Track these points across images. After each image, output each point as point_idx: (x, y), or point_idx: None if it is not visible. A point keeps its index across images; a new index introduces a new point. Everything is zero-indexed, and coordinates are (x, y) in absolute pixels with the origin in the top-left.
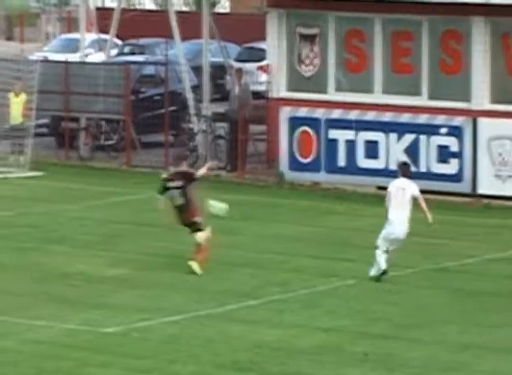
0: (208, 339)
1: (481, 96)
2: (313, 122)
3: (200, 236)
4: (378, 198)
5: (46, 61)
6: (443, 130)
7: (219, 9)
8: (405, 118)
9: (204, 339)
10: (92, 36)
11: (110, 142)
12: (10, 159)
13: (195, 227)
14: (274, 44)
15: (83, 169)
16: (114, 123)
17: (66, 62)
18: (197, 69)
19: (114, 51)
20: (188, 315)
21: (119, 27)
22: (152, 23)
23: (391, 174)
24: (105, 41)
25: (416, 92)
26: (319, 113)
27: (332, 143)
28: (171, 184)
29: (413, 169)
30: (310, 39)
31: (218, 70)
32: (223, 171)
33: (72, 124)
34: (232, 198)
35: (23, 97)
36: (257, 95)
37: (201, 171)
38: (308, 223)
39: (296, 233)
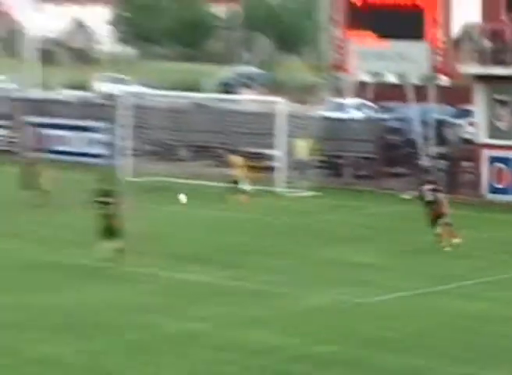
0: (435, 309)
1: None
2: (505, 160)
3: (443, 220)
4: None
5: (322, 117)
6: None
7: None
8: None
9: (432, 309)
10: (354, 100)
11: (366, 173)
12: (298, 183)
13: (442, 218)
14: (478, 106)
15: (348, 191)
16: (369, 159)
17: (336, 119)
18: (425, 123)
19: (370, 111)
20: (420, 291)
21: (373, 94)
22: (395, 92)
23: None
24: (364, 104)
25: None
26: (510, 154)
27: None
28: (425, 187)
29: None
30: (504, 103)
31: (439, 124)
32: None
33: (340, 160)
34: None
35: (307, 141)
36: (467, 141)
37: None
38: (504, 230)
39: (495, 237)
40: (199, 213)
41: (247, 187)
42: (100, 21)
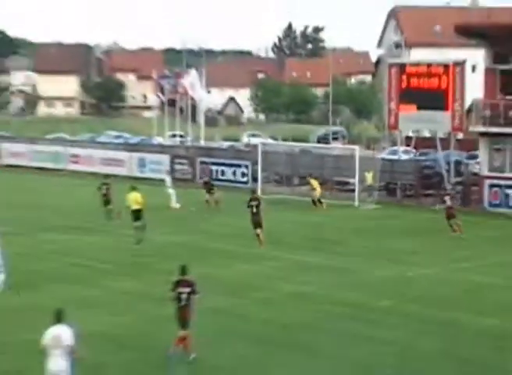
0: (461, 279)
1: None
2: (499, 185)
3: (455, 220)
4: None
5: (383, 158)
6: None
7: (458, 137)
8: None
9: (459, 279)
10: (402, 148)
11: (411, 194)
12: (367, 200)
13: (455, 218)
14: (482, 152)
15: (399, 205)
16: (412, 185)
17: (391, 159)
18: (448, 162)
19: (413, 155)
20: (450, 267)
21: (414, 144)
22: (428, 143)
23: None
24: (409, 150)
25: None
26: (502, 181)
27: (508, 195)
28: (446, 197)
29: None
30: (498, 150)
31: (457, 163)
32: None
33: (394, 186)
34: (463, 218)
35: (373, 173)
36: (475, 174)
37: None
38: (499, 230)
39: (493, 235)
40: (302, 218)
41: (321, 199)
42: (244, 98)
